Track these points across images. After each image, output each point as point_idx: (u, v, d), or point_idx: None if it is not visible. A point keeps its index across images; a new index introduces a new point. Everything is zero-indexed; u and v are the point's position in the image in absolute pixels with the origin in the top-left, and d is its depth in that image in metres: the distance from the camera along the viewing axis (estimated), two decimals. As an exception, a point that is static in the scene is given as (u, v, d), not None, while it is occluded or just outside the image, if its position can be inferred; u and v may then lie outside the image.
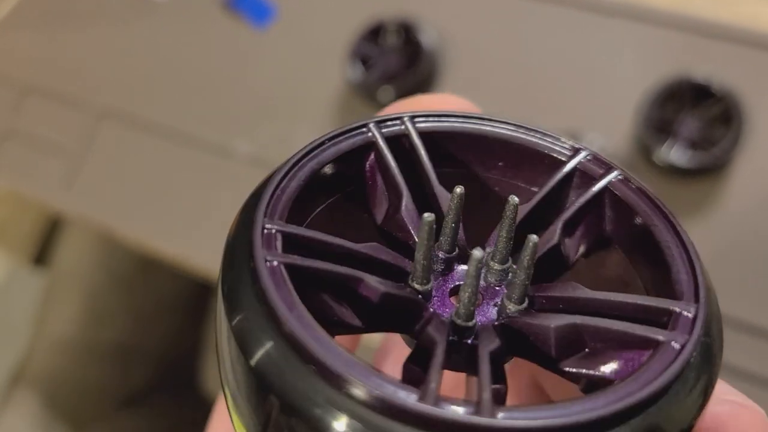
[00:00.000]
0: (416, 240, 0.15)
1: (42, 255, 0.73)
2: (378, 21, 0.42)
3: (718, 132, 0.37)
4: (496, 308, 0.15)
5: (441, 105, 0.18)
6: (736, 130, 0.36)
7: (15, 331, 0.68)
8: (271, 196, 0.14)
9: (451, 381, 0.16)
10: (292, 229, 0.14)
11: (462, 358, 0.14)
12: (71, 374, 0.64)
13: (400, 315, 0.14)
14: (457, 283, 0.15)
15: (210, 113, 0.47)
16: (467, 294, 0.13)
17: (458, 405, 0.11)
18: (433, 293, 0.15)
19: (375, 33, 0.43)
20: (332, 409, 0.11)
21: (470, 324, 0.14)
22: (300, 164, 0.15)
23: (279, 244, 0.13)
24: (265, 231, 0.13)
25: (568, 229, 0.15)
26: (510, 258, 0.15)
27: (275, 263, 0.13)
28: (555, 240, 0.15)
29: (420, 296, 0.14)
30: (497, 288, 0.15)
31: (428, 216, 0.13)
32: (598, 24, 0.41)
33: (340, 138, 0.15)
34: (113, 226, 0.47)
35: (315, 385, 0.11)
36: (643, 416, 0.11)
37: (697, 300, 0.13)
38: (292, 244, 0.14)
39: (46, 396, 0.63)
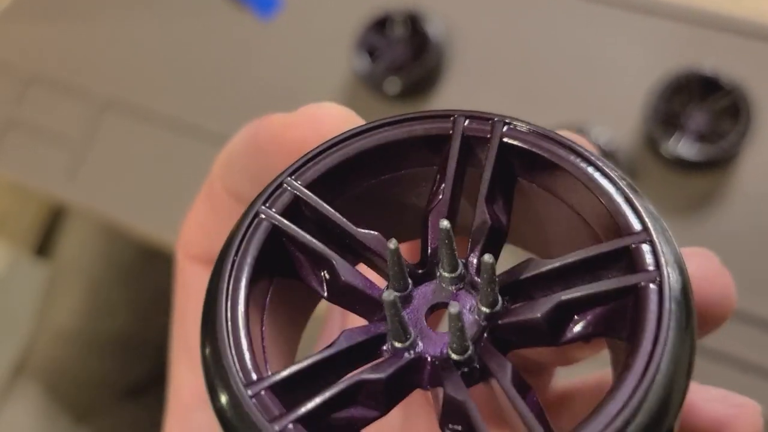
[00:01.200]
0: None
1: (44, 246, 0.73)
2: (384, 11, 0.42)
3: (726, 125, 0.37)
4: (474, 316, 0.14)
5: (296, 123, 0.16)
6: (744, 123, 0.36)
7: (17, 322, 0.68)
8: (311, 157, 0.15)
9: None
10: (306, 193, 0.14)
11: (477, 378, 0.14)
12: (73, 365, 0.64)
13: (358, 306, 0.14)
14: (438, 301, 0.15)
15: (214, 104, 0.47)
16: (456, 338, 0.13)
17: None
18: (425, 346, 0.14)
19: (381, 24, 0.42)
20: None
21: (468, 354, 0.14)
22: (363, 134, 0.15)
23: (283, 203, 0.14)
24: (281, 187, 0.14)
25: (491, 200, 0.15)
26: (460, 262, 0.15)
27: (263, 221, 0.14)
28: (489, 220, 0.15)
29: (415, 354, 0.14)
30: (461, 292, 0.15)
31: (390, 295, 0.13)
32: (606, 16, 0.41)
33: (421, 121, 0.15)
34: (116, 217, 0.47)
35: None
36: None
37: (645, 227, 0.14)
38: (298, 209, 0.14)
39: (48, 387, 0.63)
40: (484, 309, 0.14)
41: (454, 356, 0.14)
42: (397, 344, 0.14)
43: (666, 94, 0.38)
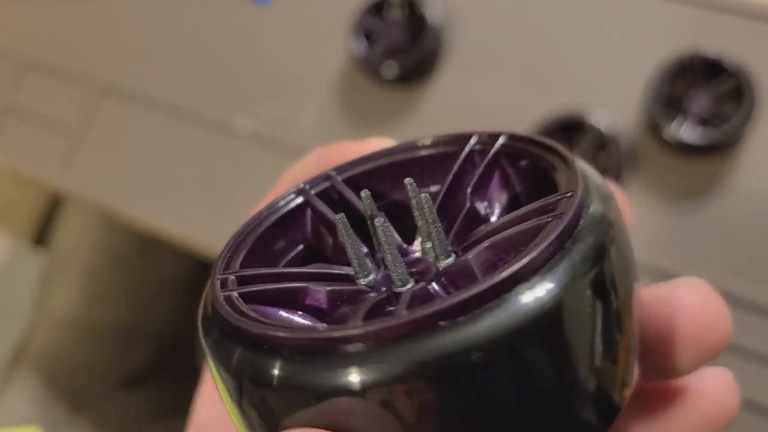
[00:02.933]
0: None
1: (42, 235, 0.73)
2: (382, -5, 0.42)
3: (730, 108, 0.36)
4: (431, 277, 0.16)
5: (363, 150, 0.20)
6: (748, 106, 0.36)
7: (15, 311, 0.68)
8: (225, 254, 0.17)
9: None
10: (241, 272, 0.16)
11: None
12: (72, 354, 0.64)
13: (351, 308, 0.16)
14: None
15: (212, 90, 0.47)
16: (389, 257, 0.15)
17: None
18: (381, 286, 0.16)
19: (378, 7, 0.42)
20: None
21: (408, 287, 0.15)
22: (247, 233, 0.17)
23: (233, 283, 0.16)
24: (219, 279, 0.16)
25: (478, 193, 0.17)
26: (453, 252, 0.16)
27: (231, 294, 0.15)
28: (468, 204, 0.17)
29: (367, 287, 0.16)
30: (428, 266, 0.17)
31: (339, 216, 0.16)
32: (607, -2, 0.40)
33: (277, 206, 0.18)
34: (113, 205, 0.47)
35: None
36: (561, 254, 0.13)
37: (576, 188, 0.15)
38: (247, 284, 0.16)
39: (46, 376, 0.63)
40: (440, 265, 0.16)
41: (395, 288, 0.15)
42: (361, 281, 0.16)
43: (668, 77, 0.37)
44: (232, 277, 0.16)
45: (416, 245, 0.17)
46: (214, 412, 0.21)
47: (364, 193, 0.17)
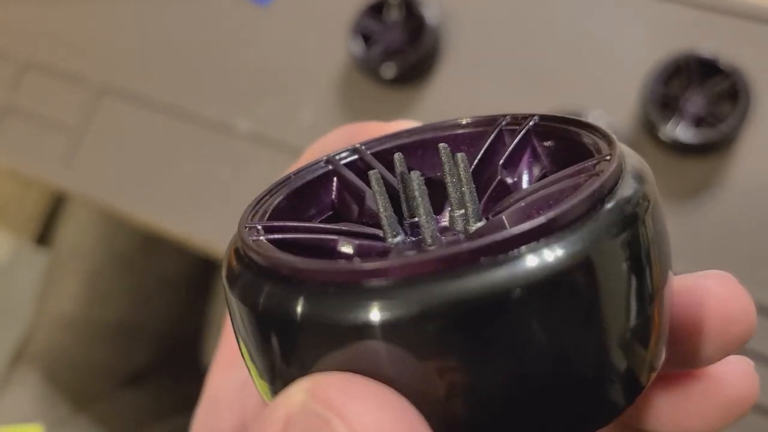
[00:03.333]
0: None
1: (44, 234, 0.73)
2: (381, -5, 0.42)
3: (725, 108, 0.37)
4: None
5: (390, 130, 0.20)
6: (743, 106, 0.36)
7: (17, 309, 0.68)
8: (250, 210, 0.16)
9: None
10: (269, 223, 0.16)
11: None
12: (74, 352, 0.64)
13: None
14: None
15: (211, 90, 0.47)
16: (421, 210, 0.15)
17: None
18: (410, 249, 0.16)
19: (377, 8, 0.42)
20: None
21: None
22: (272, 193, 0.17)
23: (260, 232, 0.15)
24: (246, 227, 0.15)
25: (508, 169, 0.17)
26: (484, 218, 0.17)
27: (261, 239, 0.15)
28: (498, 177, 0.17)
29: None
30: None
31: (373, 172, 0.16)
32: (603, -1, 0.41)
33: (304, 172, 0.18)
34: (114, 204, 0.47)
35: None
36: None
37: (612, 149, 0.15)
38: (275, 233, 0.16)
39: (48, 374, 0.63)
40: (471, 227, 0.16)
41: (425, 245, 0.15)
42: (389, 240, 0.16)
43: (664, 77, 0.37)
44: (259, 227, 0.15)
45: (445, 216, 0.17)
46: (231, 383, 0.21)
47: (397, 155, 0.17)
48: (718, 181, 0.37)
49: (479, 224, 0.16)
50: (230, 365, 0.21)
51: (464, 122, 0.18)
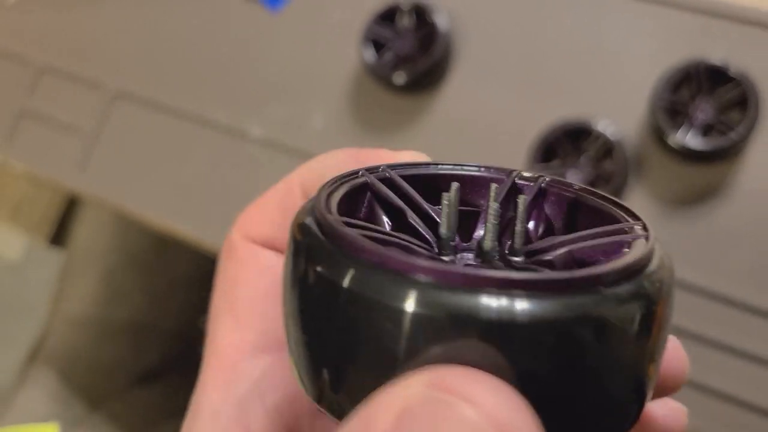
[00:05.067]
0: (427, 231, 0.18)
1: (58, 234, 0.74)
2: (392, 3, 0.42)
3: (734, 116, 0.37)
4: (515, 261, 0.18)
5: (397, 158, 0.21)
6: (752, 114, 0.36)
7: (32, 309, 0.69)
8: (408, 165, 0.19)
9: None
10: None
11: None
12: (87, 351, 0.65)
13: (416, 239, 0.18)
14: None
15: (224, 95, 0.47)
16: (491, 219, 0.18)
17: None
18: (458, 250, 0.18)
19: (389, 15, 0.42)
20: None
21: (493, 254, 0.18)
22: (332, 190, 0.18)
23: (380, 176, 0.18)
24: (378, 170, 0.18)
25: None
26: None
27: (362, 177, 0.18)
28: (524, 224, 0.18)
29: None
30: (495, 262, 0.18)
31: (447, 195, 0.18)
32: (613, 6, 0.41)
33: (338, 183, 0.18)
34: (127, 206, 0.48)
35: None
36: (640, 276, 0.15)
37: (637, 218, 0.17)
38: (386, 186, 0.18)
39: (62, 372, 0.64)
40: (514, 259, 0.18)
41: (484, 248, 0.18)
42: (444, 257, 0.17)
43: (673, 84, 0.37)
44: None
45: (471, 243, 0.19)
46: (231, 397, 0.21)
47: (454, 184, 0.18)
48: (727, 188, 0.37)
49: (517, 259, 0.18)
50: (228, 381, 0.21)
51: (476, 165, 0.20)
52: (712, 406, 0.35)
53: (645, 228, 0.17)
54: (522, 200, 0.18)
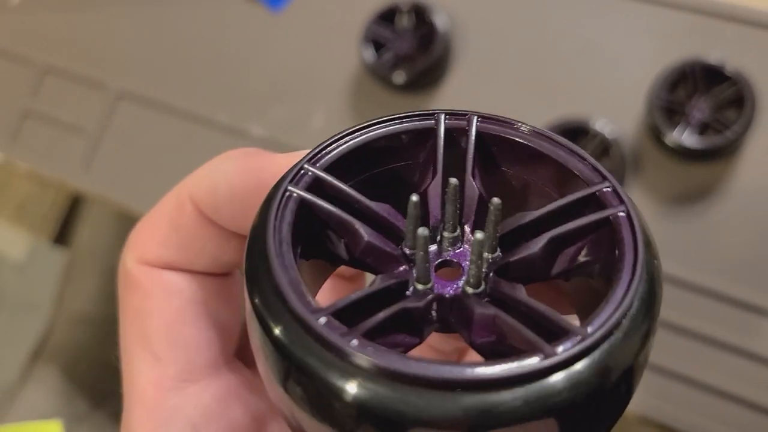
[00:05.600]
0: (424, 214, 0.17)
1: (62, 233, 0.74)
2: (391, 3, 0.43)
3: (731, 115, 0.37)
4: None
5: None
6: (749, 112, 0.36)
7: (36, 307, 0.69)
8: (322, 149, 0.17)
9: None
10: (324, 174, 0.16)
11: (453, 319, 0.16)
12: (90, 349, 0.66)
13: (378, 264, 0.17)
14: (443, 259, 0.17)
15: (225, 95, 0.48)
16: (474, 268, 0.16)
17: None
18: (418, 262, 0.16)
19: (389, 16, 0.43)
20: (340, 375, 0.13)
21: (482, 288, 0.16)
22: (361, 131, 0.17)
23: (306, 183, 0.16)
24: (301, 171, 0.16)
25: (555, 245, 0.16)
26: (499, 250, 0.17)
27: (292, 195, 0.16)
28: (534, 250, 0.16)
29: (403, 257, 0.17)
30: (460, 251, 0.17)
31: (414, 197, 0.16)
32: (610, 6, 0.41)
33: (409, 119, 0.17)
34: (130, 205, 0.48)
35: (322, 356, 0.14)
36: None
37: (605, 177, 0.16)
38: (319, 188, 0.16)
39: (65, 370, 0.64)
40: (487, 255, 0.16)
41: (469, 290, 0.16)
42: (420, 286, 0.16)
43: (670, 83, 0.38)
44: (309, 173, 0.16)
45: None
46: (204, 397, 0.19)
47: (453, 180, 0.16)
48: (723, 186, 0.38)
49: (494, 255, 0.17)
50: (157, 423, 0.19)
51: (404, 115, 0.18)
52: (710, 403, 0.36)
53: (615, 191, 0.16)
54: (493, 209, 0.16)
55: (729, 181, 0.38)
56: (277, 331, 0.14)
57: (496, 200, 0.16)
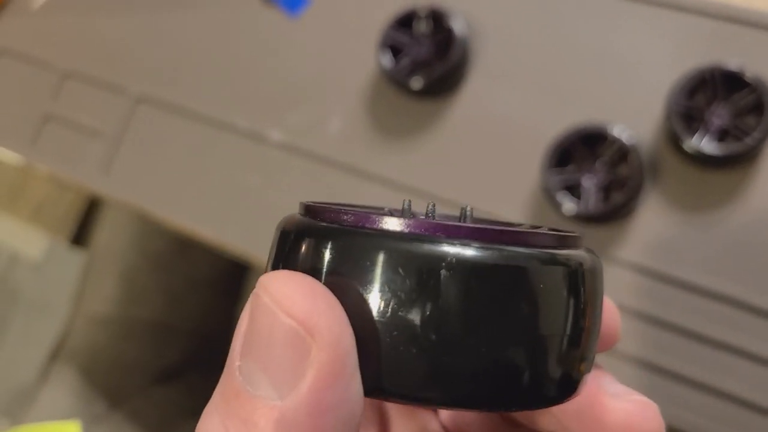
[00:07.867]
0: None
1: (80, 235, 0.75)
2: (409, 8, 0.43)
3: (750, 121, 0.37)
4: None
5: None
6: (768, 119, 0.36)
7: (54, 308, 0.70)
8: None
9: None
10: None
11: None
12: (108, 350, 0.66)
13: None
14: None
15: (244, 99, 0.48)
16: None
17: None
18: None
19: (406, 21, 0.43)
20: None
21: None
22: None
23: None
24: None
25: None
26: None
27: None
28: None
29: None
30: None
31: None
32: (628, 11, 0.41)
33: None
34: (150, 209, 0.49)
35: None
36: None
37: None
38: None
39: (83, 371, 0.65)
40: None
41: None
42: None
43: (689, 89, 0.38)
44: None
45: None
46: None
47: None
48: (742, 194, 0.37)
49: None
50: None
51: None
52: (725, 409, 0.36)
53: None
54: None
55: (748, 188, 0.37)
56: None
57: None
